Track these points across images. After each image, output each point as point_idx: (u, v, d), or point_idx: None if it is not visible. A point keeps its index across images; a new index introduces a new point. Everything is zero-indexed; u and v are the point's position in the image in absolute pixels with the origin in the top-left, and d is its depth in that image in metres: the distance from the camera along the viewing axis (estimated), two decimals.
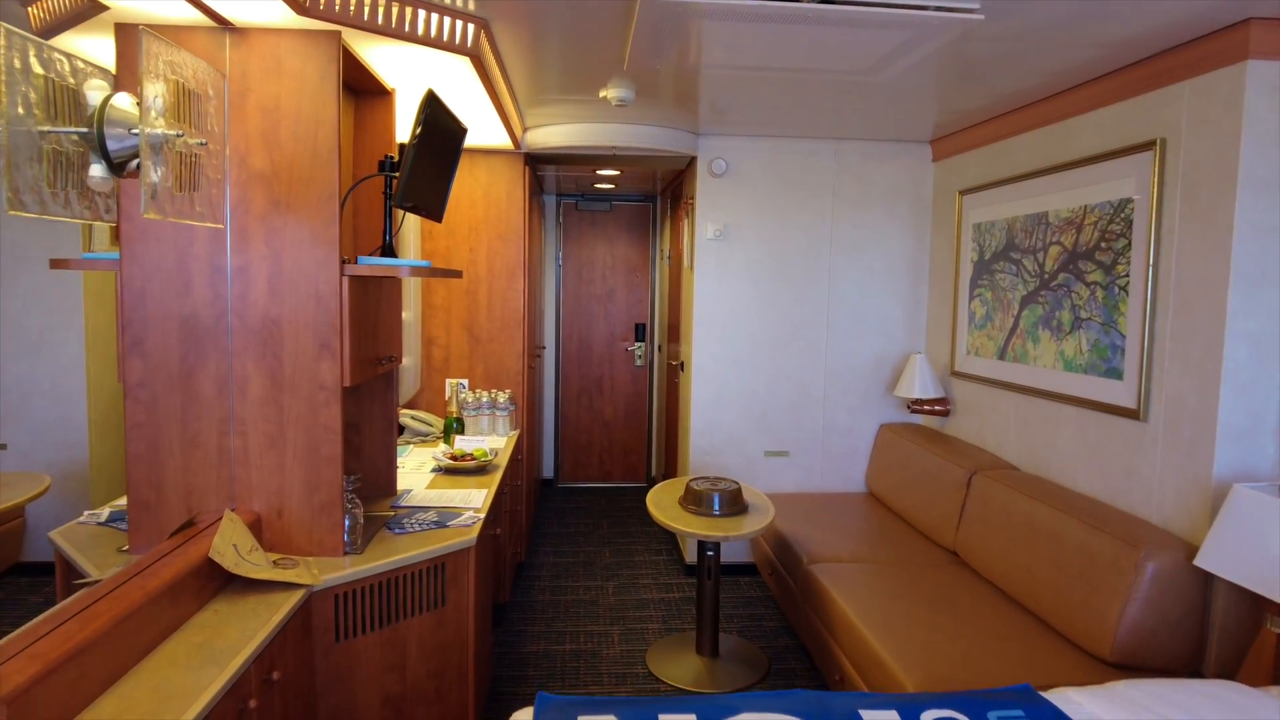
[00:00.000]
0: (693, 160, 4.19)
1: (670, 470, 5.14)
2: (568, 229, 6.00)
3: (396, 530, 2.42)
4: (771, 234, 4.16)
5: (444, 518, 2.54)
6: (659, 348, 5.98)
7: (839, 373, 4.25)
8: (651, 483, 6.15)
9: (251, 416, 2.13)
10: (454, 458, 3.15)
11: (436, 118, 2.32)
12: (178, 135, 1.54)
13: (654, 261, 6.06)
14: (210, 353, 2.08)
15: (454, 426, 3.37)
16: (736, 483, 3.20)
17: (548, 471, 6.10)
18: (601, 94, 3.14)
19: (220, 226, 1.89)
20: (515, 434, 3.93)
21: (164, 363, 2.06)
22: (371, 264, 2.19)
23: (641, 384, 6.10)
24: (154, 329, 2.05)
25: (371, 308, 2.37)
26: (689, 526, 2.96)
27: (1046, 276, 3.18)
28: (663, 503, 3.25)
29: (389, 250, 2.42)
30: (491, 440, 3.71)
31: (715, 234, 4.10)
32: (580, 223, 6.00)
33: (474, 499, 2.77)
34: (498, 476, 3.11)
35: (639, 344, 6.07)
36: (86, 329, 2.29)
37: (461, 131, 2.62)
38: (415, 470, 3.17)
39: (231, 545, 1.95)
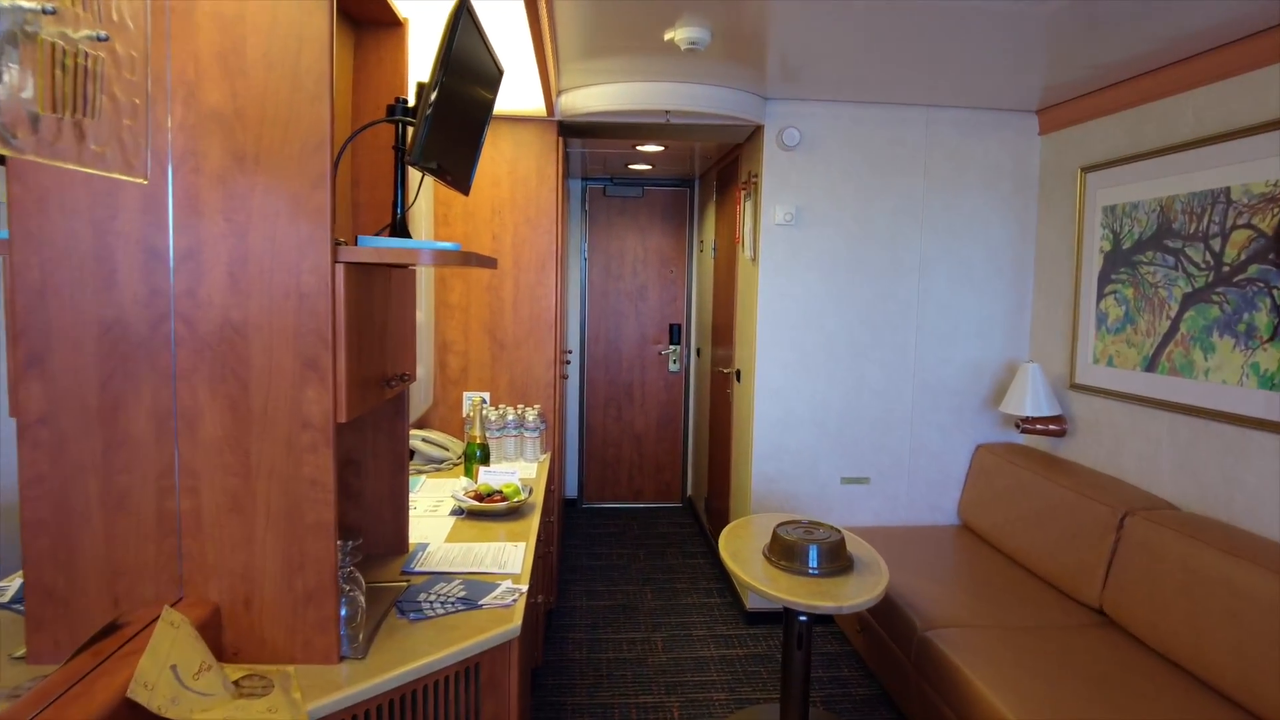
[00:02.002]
0: (757, 131, 3.53)
1: (717, 495, 4.49)
2: (594, 217, 5.33)
3: (411, 615, 1.76)
4: (851, 219, 3.50)
5: (474, 592, 1.88)
6: (696, 351, 5.32)
7: (930, 384, 3.59)
8: (687, 504, 5.49)
9: (205, 466, 1.48)
10: (479, 496, 2.50)
11: (471, 41, 1.66)
12: (41, 10, 0.88)
13: (691, 254, 5.40)
14: (144, 375, 1.43)
15: (477, 455, 2.71)
16: (838, 530, 2.54)
17: (571, 490, 5.44)
18: (667, 35, 2.48)
19: (140, 181, 1.24)
20: (546, 457, 3.28)
21: (76, 389, 1.41)
22: (379, 246, 1.53)
23: (676, 391, 5.45)
24: (61, 340, 1.40)
25: (378, 309, 1.72)
26: (782, 591, 2.31)
27: (1226, 269, 2.52)
28: (740, 554, 2.59)
29: (401, 229, 1.77)
30: (521, 468, 3.05)
31: (785, 218, 3.44)
32: (609, 210, 5.34)
33: (510, 558, 2.12)
34: (534, 520, 2.46)
35: (673, 347, 5.41)
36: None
37: (498, 73, 1.97)
38: (430, 513, 2.52)
39: (169, 668, 1.29)
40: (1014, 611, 2.71)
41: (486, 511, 2.46)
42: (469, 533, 2.35)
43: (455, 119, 1.72)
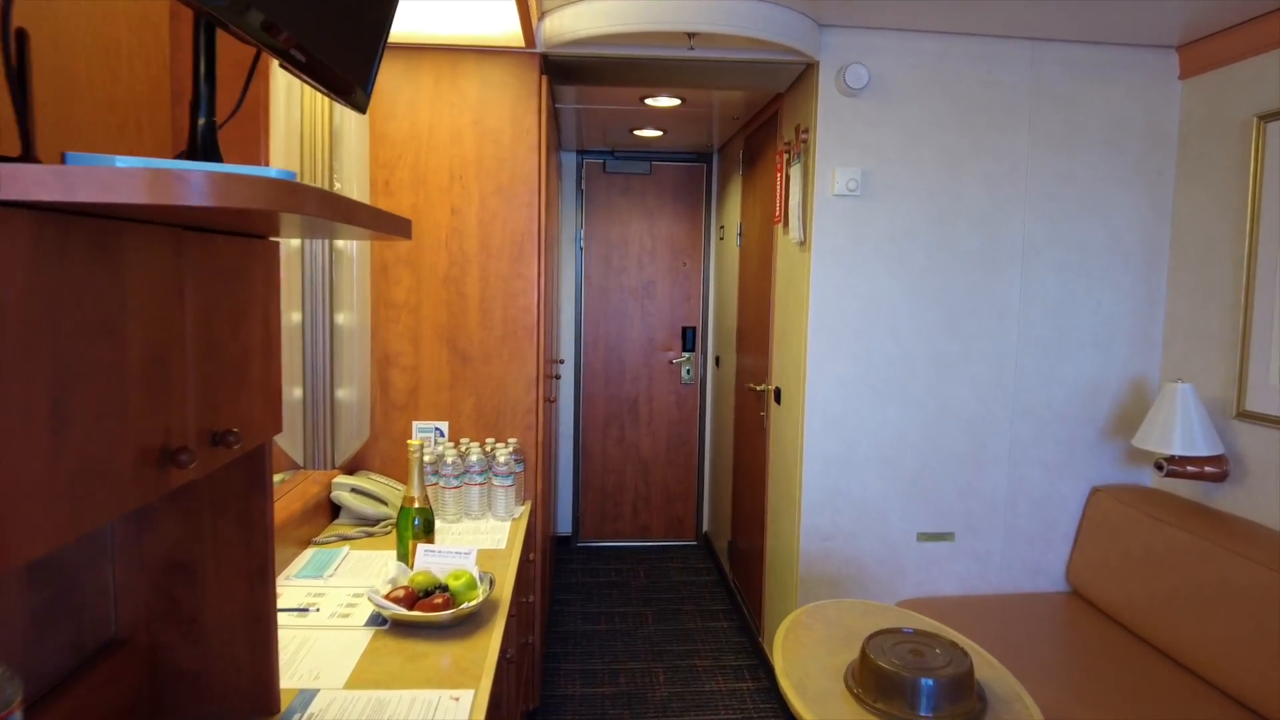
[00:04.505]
0: (808, 70, 2.67)
1: (744, 534, 3.62)
2: (592, 198, 4.47)
3: None
4: (933, 189, 2.64)
5: None
6: (715, 360, 4.46)
7: (1033, 409, 2.73)
8: (703, 541, 4.62)
9: None
10: (411, 596, 1.63)
11: None
12: None
13: (708, 242, 4.53)
14: None
15: (414, 525, 1.84)
16: (964, 651, 1.67)
17: (564, 526, 4.58)
18: None
19: None
20: (525, 509, 2.42)
21: None
22: (83, 166, 0.66)
23: (690, 407, 4.58)
24: None
25: (140, 312, 0.83)
26: None
27: None
28: (808, 680, 1.72)
29: (207, 147, 0.91)
30: (488, 531, 2.19)
31: (849, 186, 2.57)
32: (610, 190, 4.47)
33: None
34: (496, 634, 1.60)
35: (687, 354, 4.54)
36: None
37: None
38: (337, 618, 1.65)
39: None
40: None
41: (422, 623, 1.59)
42: (390, 661, 1.49)
43: None
